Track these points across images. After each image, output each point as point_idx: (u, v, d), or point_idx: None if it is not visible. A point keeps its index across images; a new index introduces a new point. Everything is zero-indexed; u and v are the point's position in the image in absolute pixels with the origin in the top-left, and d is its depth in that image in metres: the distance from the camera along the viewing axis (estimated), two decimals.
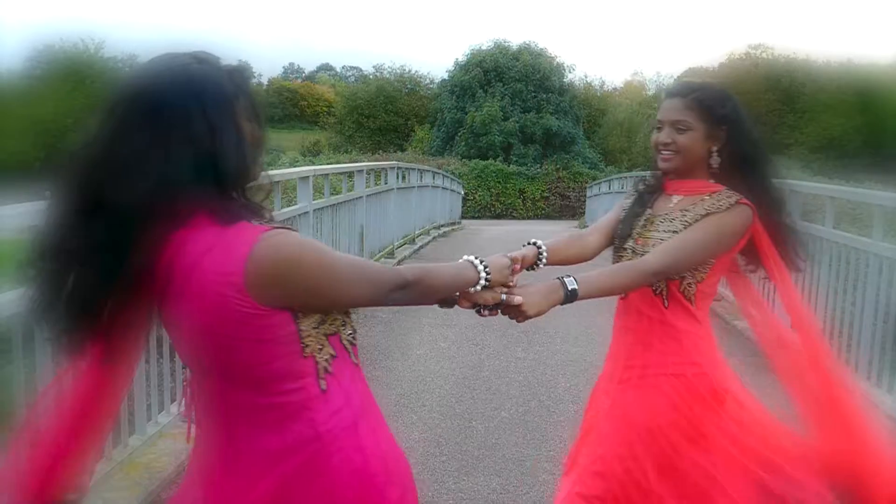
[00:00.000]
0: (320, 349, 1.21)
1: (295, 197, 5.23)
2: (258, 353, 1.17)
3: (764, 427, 1.89)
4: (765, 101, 33.42)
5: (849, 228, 5.00)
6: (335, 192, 6.32)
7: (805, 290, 4.63)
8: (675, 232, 1.87)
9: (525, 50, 27.97)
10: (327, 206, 5.64)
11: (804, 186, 5.24)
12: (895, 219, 4.73)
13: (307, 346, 1.20)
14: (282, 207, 4.66)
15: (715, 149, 1.89)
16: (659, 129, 1.92)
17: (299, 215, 4.93)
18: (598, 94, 32.90)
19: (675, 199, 1.94)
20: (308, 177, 5.14)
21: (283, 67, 74.90)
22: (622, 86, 38.44)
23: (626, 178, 13.17)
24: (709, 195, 1.88)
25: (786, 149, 30.93)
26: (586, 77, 33.96)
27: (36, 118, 30.49)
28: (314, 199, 5.25)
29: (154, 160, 1.12)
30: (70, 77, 35.10)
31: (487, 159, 25.44)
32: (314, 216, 5.19)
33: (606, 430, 1.92)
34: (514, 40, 29.35)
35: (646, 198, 2.01)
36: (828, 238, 4.34)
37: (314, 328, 1.21)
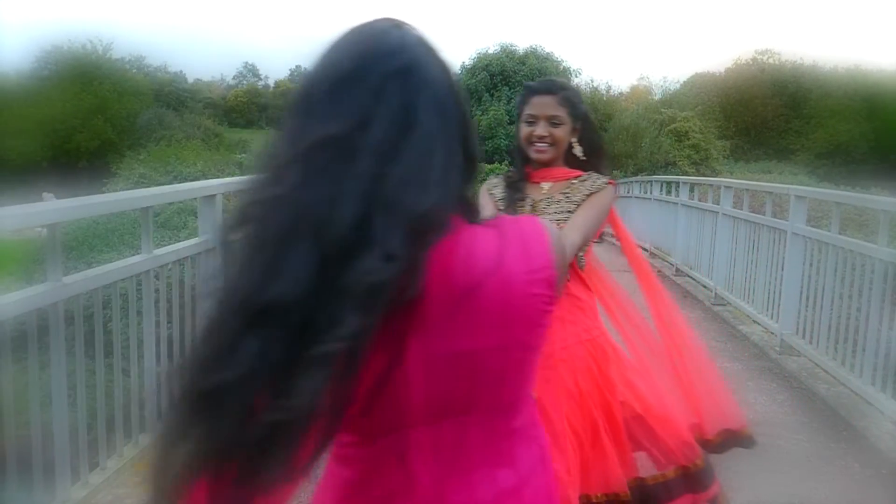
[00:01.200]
0: None
1: None
2: (532, 363, 0.94)
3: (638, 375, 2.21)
4: (771, 107, 33.44)
5: (855, 234, 5.02)
6: None
7: (811, 294, 4.65)
8: (569, 212, 2.06)
9: (531, 54, 28.06)
10: None
11: (809, 192, 5.26)
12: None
13: None
14: None
15: (574, 140, 2.14)
16: (531, 123, 2.11)
17: None
18: (605, 98, 32.95)
19: (546, 185, 2.15)
20: None
21: (290, 69, 75.12)
22: (628, 90, 38.57)
23: (631, 182, 13.17)
24: (577, 179, 2.12)
25: (792, 154, 30.91)
26: (592, 81, 34.02)
27: (44, 118, 30.68)
28: None
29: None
30: (78, 78, 35.33)
31: (493, 163, 25.48)
32: None
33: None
34: (521, 44, 29.49)
35: (518, 186, 2.19)
36: (833, 243, 4.35)
37: None
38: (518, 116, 2.19)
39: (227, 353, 0.71)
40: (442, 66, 0.88)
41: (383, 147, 0.79)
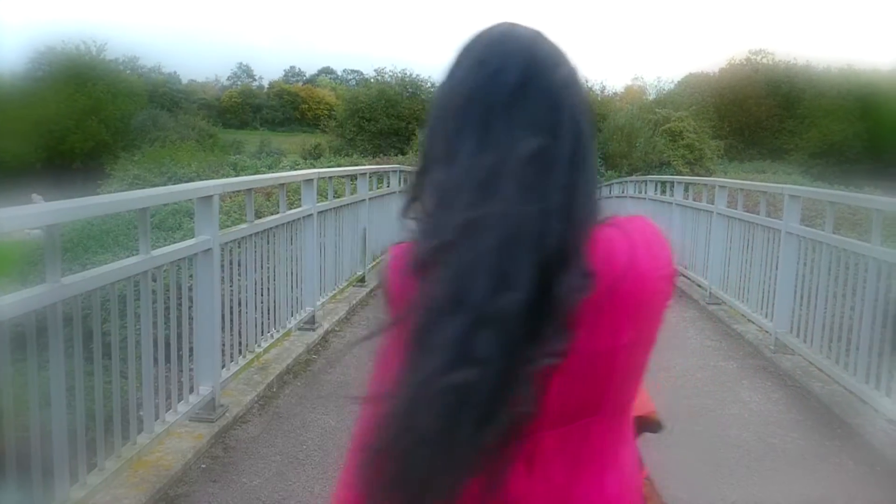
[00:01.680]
0: None
1: (299, 199, 5.26)
2: (648, 360, 0.95)
3: None
4: (765, 107, 33.52)
5: (850, 234, 5.04)
6: (338, 195, 6.36)
7: (805, 293, 4.68)
8: None
9: None
10: (331, 209, 5.68)
11: (803, 191, 5.29)
12: (893, 223, 4.75)
13: None
14: (287, 209, 4.70)
15: None
16: None
17: (303, 217, 4.97)
18: (599, 98, 32.95)
19: None
20: (312, 179, 5.18)
21: (284, 70, 75.15)
22: (623, 90, 38.61)
23: (626, 182, 13.20)
24: None
25: (786, 154, 31.00)
26: (587, 81, 33.63)
27: (38, 119, 30.57)
28: (318, 202, 5.28)
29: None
30: (72, 79, 35.21)
31: None
32: (318, 218, 5.22)
33: None
34: None
35: None
36: (827, 242, 4.37)
37: None
38: None
39: (462, 354, 0.74)
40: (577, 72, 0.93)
41: (575, 159, 0.84)
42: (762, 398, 4.26)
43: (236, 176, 15.49)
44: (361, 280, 6.78)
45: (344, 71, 75.93)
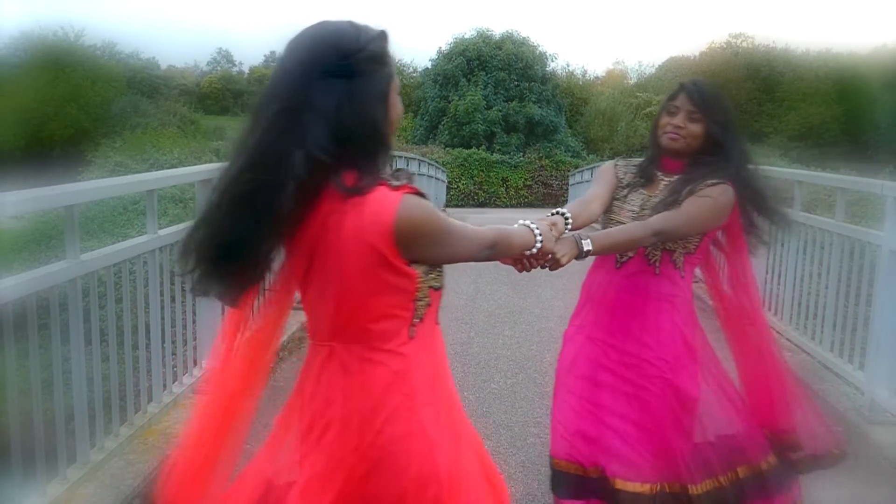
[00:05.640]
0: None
1: None
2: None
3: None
4: (744, 90, 33.77)
5: (825, 214, 5.26)
6: None
7: (776, 271, 4.91)
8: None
9: (508, 39, 28.11)
10: None
11: (773, 171, 5.52)
12: (858, 201, 4.97)
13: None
14: None
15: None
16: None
17: None
18: (580, 83, 33.12)
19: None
20: None
21: (265, 55, 74.10)
22: (604, 75, 38.77)
23: None
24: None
25: (765, 137, 31.34)
26: (568, 66, 34.03)
27: (15, 107, 30.22)
28: None
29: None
30: (50, 66, 34.75)
31: (471, 148, 25.61)
32: None
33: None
34: (497, 29, 29.52)
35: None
36: (795, 220, 4.59)
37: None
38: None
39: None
40: None
41: None
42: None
43: (220, 162, 15.52)
44: None
45: None
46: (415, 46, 57.34)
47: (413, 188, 1.33)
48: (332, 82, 1.26)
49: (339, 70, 1.26)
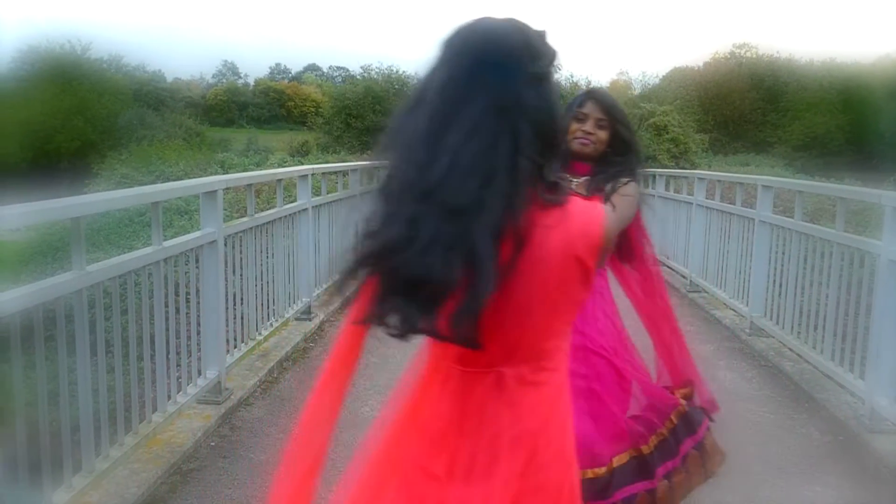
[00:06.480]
0: None
1: (295, 194, 5.47)
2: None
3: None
4: (749, 100, 33.82)
5: (829, 225, 5.29)
6: (330, 190, 6.56)
7: (778, 279, 4.94)
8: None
9: None
10: (325, 203, 5.88)
11: (775, 181, 5.56)
12: (862, 211, 4.98)
13: None
14: (283, 204, 4.91)
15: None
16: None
17: (300, 211, 5.18)
18: None
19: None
20: (307, 175, 5.39)
21: (270, 68, 74.97)
22: (608, 85, 38.86)
23: None
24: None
25: (769, 147, 31.34)
26: (573, 76, 33.97)
27: (22, 120, 30.45)
28: (313, 197, 5.50)
29: None
30: (57, 78, 35.03)
31: None
32: (313, 213, 5.43)
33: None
34: None
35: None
36: (796, 230, 4.62)
37: None
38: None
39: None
40: None
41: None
42: (738, 377, 4.52)
43: (224, 174, 15.62)
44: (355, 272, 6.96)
45: (329, 68, 75.89)
46: (419, 58, 57.50)
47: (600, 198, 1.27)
48: (536, 84, 1.13)
49: (541, 72, 1.15)
